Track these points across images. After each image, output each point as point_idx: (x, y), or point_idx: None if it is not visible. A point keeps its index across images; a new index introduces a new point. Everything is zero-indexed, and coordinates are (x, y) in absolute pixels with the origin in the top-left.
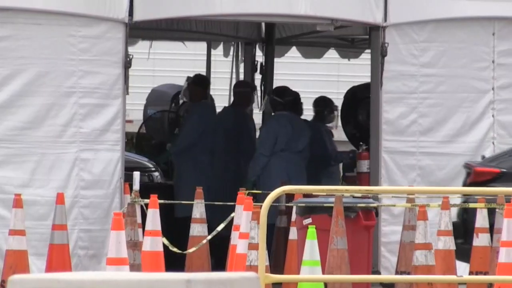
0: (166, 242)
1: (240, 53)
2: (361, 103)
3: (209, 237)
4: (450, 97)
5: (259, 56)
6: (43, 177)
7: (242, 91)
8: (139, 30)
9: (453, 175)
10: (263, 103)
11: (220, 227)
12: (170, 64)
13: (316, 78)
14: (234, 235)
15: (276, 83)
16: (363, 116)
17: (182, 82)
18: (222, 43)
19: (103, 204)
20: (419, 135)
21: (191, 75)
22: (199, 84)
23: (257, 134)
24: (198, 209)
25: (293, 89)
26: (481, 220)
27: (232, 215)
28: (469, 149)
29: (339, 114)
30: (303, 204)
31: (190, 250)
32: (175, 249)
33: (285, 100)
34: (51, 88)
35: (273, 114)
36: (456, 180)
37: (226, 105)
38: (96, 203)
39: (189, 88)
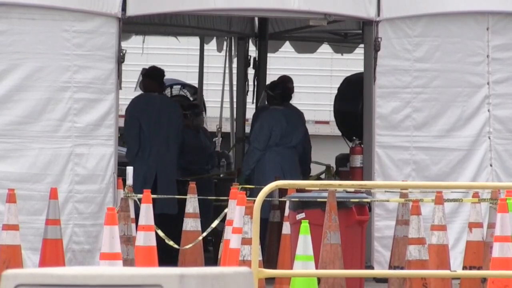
0: (162, 234)
1: (233, 48)
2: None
3: (204, 234)
4: (444, 91)
5: (252, 51)
6: (39, 172)
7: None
8: (132, 25)
9: (449, 169)
10: (261, 99)
11: (215, 223)
12: (163, 59)
13: (309, 73)
14: (227, 230)
15: (270, 78)
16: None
17: (175, 77)
18: (215, 38)
19: (97, 199)
20: (413, 129)
21: (185, 70)
22: (151, 77)
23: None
24: (191, 204)
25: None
26: (475, 215)
27: (225, 210)
28: (465, 144)
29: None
30: (296, 199)
31: (187, 247)
32: (171, 243)
33: (275, 93)
34: (47, 83)
35: (263, 107)
36: (452, 174)
37: (219, 100)
38: (90, 198)
39: (143, 81)
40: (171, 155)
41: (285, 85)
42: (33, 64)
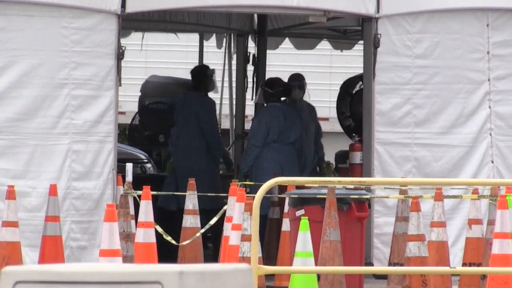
0: (160, 230)
1: (232, 45)
2: (356, 94)
3: (203, 230)
4: (445, 88)
5: (252, 48)
6: (36, 169)
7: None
8: (132, 22)
9: (451, 166)
10: (257, 95)
11: (214, 220)
12: (163, 55)
13: (308, 69)
14: (227, 226)
15: (269, 75)
16: (358, 107)
17: (174, 73)
18: (214, 34)
19: (95, 196)
20: (414, 126)
21: (184, 66)
22: (192, 75)
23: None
24: (191, 200)
25: (286, 81)
26: (474, 211)
27: (225, 207)
28: (466, 140)
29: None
30: (296, 196)
31: (185, 243)
32: (169, 238)
33: (275, 91)
34: (44, 79)
35: (265, 105)
36: (453, 171)
37: (219, 96)
38: (88, 194)
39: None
40: (199, 150)
41: (282, 82)
42: (31, 61)
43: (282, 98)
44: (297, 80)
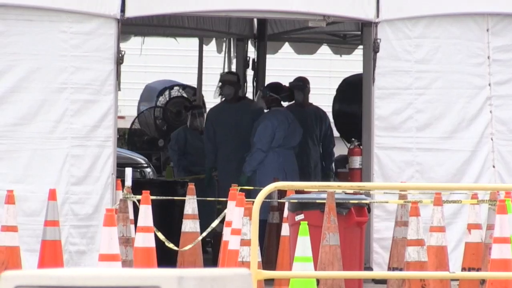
0: (162, 237)
1: (232, 49)
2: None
3: (204, 234)
4: (446, 93)
5: (251, 52)
6: (35, 173)
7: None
8: (131, 26)
9: (454, 171)
10: (255, 99)
11: (215, 223)
12: (162, 60)
13: (308, 74)
14: (226, 231)
15: (268, 79)
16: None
17: (174, 78)
18: (214, 39)
19: (94, 200)
20: (416, 131)
21: (184, 71)
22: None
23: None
24: (190, 205)
25: (285, 86)
26: (474, 216)
27: (225, 211)
28: (468, 145)
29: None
30: (295, 200)
31: (186, 248)
32: (171, 245)
33: (281, 96)
34: (43, 84)
35: (267, 109)
36: (456, 176)
37: (219, 100)
38: (87, 199)
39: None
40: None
41: (286, 87)
42: (29, 65)
43: (283, 103)
44: (298, 82)
